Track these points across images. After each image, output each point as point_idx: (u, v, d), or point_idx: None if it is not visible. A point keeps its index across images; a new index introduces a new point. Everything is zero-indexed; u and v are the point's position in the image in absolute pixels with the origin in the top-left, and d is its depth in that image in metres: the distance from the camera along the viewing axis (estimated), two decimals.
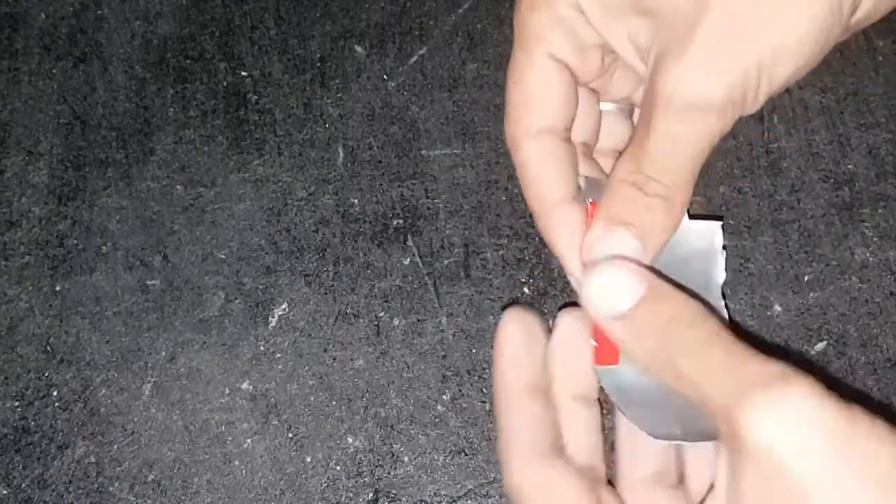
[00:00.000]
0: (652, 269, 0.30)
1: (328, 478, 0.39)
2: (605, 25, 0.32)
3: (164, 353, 0.40)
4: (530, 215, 0.41)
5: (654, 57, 0.30)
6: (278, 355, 0.40)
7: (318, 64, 0.45)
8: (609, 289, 0.28)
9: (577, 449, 0.30)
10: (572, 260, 0.31)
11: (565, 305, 0.33)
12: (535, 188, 0.32)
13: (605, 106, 0.36)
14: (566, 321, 0.31)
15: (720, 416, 0.25)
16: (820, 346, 0.40)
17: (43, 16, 0.46)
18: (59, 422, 0.39)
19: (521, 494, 0.29)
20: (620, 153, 0.32)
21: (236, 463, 0.39)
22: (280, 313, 0.41)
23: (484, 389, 0.40)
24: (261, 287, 0.41)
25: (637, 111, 0.36)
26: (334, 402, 0.40)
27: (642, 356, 0.28)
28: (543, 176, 0.32)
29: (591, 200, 0.31)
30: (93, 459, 0.39)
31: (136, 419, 0.39)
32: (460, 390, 0.40)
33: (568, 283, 0.41)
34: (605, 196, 0.31)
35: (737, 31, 0.29)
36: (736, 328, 0.39)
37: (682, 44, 0.29)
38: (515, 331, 0.31)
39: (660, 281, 0.29)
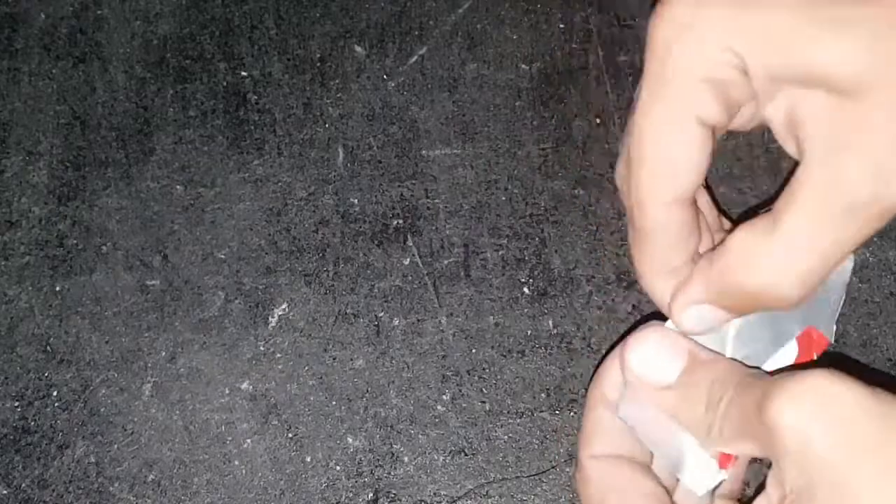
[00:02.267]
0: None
1: (328, 478, 0.39)
2: (766, 91, 0.28)
3: (164, 353, 0.40)
4: (530, 215, 0.42)
5: (825, 143, 0.26)
6: (278, 355, 0.40)
7: (318, 64, 0.45)
8: (652, 361, 0.29)
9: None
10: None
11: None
12: (655, 256, 0.30)
13: None
14: None
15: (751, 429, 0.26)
16: None
17: (43, 16, 0.46)
18: (59, 422, 0.39)
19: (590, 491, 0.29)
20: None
21: (236, 463, 0.39)
22: (280, 313, 0.41)
23: (484, 389, 0.40)
24: (261, 287, 0.41)
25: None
26: (334, 402, 0.40)
27: (695, 424, 0.28)
28: (669, 245, 0.30)
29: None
30: (93, 459, 0.39)
31: (136, 419, 0.39)
32: (460, 390, 0.40)
33: (567, 283, 0.41)
34: (708, 268, 0.29)
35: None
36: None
37: (857, 133, 0.25)
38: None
39: (698, 349, 0.29)
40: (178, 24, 0.45)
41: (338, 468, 0.39)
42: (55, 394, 0.40)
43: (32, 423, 0.39)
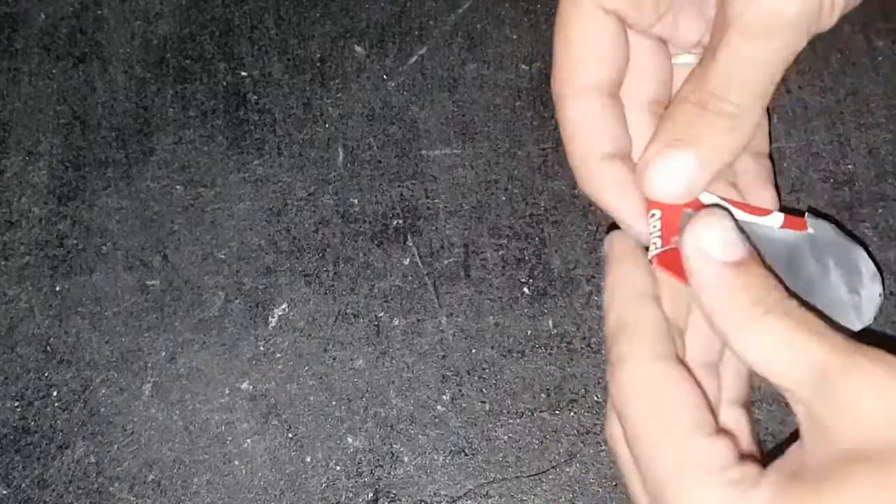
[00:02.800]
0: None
1: (328, 478, 0.39)
2: None
3: (164, 353, 0.40)
4: (530, 215, 0.42)
5: None
6: (278, 355, 0.40)
7: (318, 64, 0.45)
8: (716, 239, 0.28)
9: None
10: (627, 211, 0.31)
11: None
12: (577, 145, 0.31)
13: (684, 59, 0.34)
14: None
15: (814, 385, 0.25)
16: None
17: (43, 16, 0.46)
18: (59, 422, 0.39)
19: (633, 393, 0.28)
20: None
21: (236, 463, 0.39)
22: (280, 313, 0.41)
23: (484, 389, 0.40)
24: (261, 287, 0.41)
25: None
26: (334, 402, 0.40)
27: (719, 308, 0.27)
28: (587, 133, 0.31)
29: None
30: (93, 459, 0.39)
31: (136, 419, 0.39)
32: (460, 390, 0.40)
33: (567, 283, 0.41)
34: (665, 116, 0.30)
35: None
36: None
37: None
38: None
39: (760, 259, 0.29)
40: (178, 24, 0.45)
41: (338, 468, 0.39)
42: (55, 394, 0.40)
43: (32, 423, 0.39)
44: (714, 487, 0.26)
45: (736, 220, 0.29)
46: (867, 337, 0.28)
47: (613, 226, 0.32)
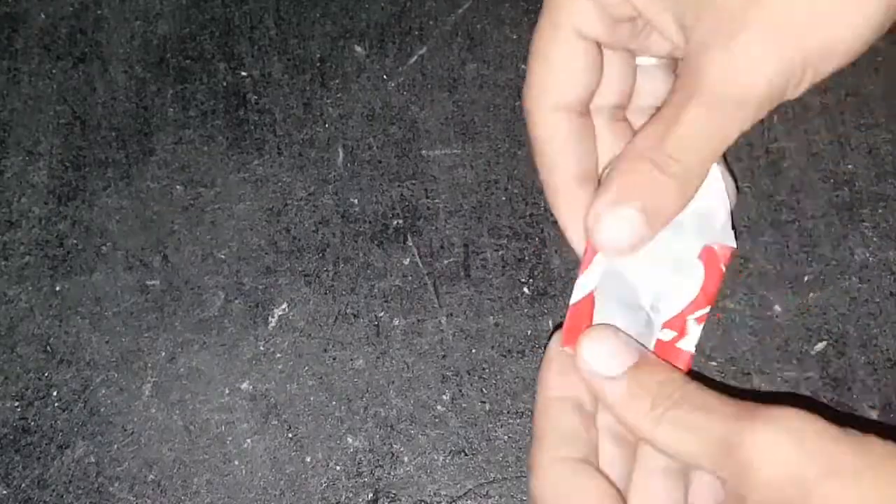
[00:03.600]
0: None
1: (328, 478, 0.39)
2: (647, 4, 0.31)
3: (164, 353, 0.40)
4: (530, 215, 0.42)
5: (700, 39, 0.29)
6: (278, 355, 0.40)
7: (318, 64, 0.45)
8: (603, 355, 0.30)
9: (607, 462, 0.31)
10: (576, 239, 0.33)
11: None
12: (547, 165, 0.33)
13: (644, 61, 0.34)
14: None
15: (720, 458, 0.27)
16: (820, 346, 0.40)
17: (43, 16, 0.46)
18: (59, 422, 0.39)
19: (545, 494, 0.30)
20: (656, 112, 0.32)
21: (236, 463, 0.39)
22: (280, 313, 0.41)
23: (483, 389, 0.40)
24: (261, 287, 0.41)
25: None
26: (334, 402, 0.40)
27: (632, 417, 0.29)
28: (556, 153, 0.32)
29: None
30: (93, 459, 0.39)
31: (136, 419, 0.39)
32: (460, 390, 0.40)
33: (567, 283, 0.41)
34: (619, 167, 0.30)
35: (787, 25, 0.28)
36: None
37: (730, 31, 0.28)
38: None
39: (649, 353, 0.31)
40: (178, 24, 0.45)
41: (338, 468, 0.39)
42: (55, 394, 0.40)
43: (32, 423, 0.39)
44: None
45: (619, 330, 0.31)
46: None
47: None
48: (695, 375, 0.30)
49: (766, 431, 0.26)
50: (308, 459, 0.39)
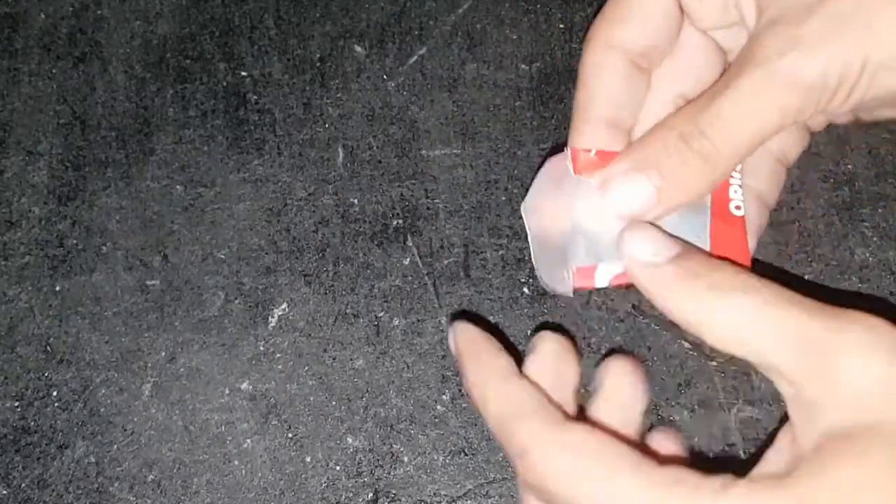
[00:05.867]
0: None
1: (328, 478, 0.39)
2: None
3: (163, 353, 0.40)
4: None
5: (770, 17, 0.28)
6: (278, 355, 0.40)
7: (318, 64, 0.45)
8: (649, 243, 0.28)
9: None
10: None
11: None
12: (581, 100, 0.31)
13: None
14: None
15: (798, 357, 0.24)
16: None
17: (43, 16, 0.46)
18: (59, 422, 0.39)
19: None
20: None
21: (236, 463, 0.39)
22: (280, 313, 0.41)
23: None
24: (261, 287, 0.41)
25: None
26: (334, 402, 0.40)
27: (682, 304, 0.27)
28: (596, 89, 0.31)
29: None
30: (93, 459, 0.39)
31: (136, 419, 0.39)
32: (460, 390, 0.40)
33: None
34: (646, 133, 0.29)
35: (858, 26, 0.27)
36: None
37: (800, 16, 0.27)
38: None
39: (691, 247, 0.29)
40: (178, 24, 0.45)
41: (338, 468, 0.39)
42: (55, 394, 0.40)
43: (32, 423, 0.39)
44: (684, 496, 0.24)
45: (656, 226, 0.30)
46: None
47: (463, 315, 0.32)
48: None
49: (860, 333, 0.24)
50: (308, 459, 0.39)
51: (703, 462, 0.31)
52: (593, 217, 0.31)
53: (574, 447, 0.26)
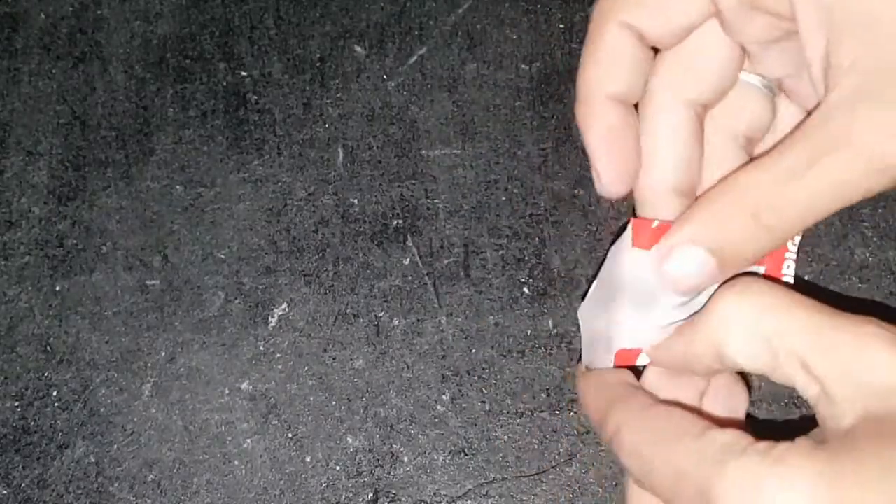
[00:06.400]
0: None
1: (328, 478, 0.39)
2: (805, 12, 0.27)
3: (163, 353, 0.40)
4: (530, 215, 0.42)
5: (853, 86, 0.25)
6: (278, 355, 0.40)
7: (318, 64, 0.45)
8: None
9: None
10: (603, 162, 0.30)
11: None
12: (585, 74, 0.30)
13: (747, 77, 0.31)
14: None
15: (820, 351, 0.25)
16: None
17: (43, 16, 0.46)
18: (58, 422, 0.39)
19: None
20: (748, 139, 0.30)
21: (236, 463, 0.39)
22: (280, 313, 0.41)
23: (484, 389, 0.40)
24: (260, 287, 0.41)
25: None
26: (334, 402, 0.40)
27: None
28: (605, 64, 0.30)
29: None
30: (93, 459, 0.39)
31: (135, 419, 0.39)
32: (460, 390, 0.40)
33: (567, 283, 0.41)
34: (713, 199, 0.28)
35: None
36: None
37: (891, 84, 0.24)
38: None
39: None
40: (178, 24, 0.45)
41: (338, 468, 0.39)
42: (55, 394, 0.40)
43: (32, 423, 0.39)
44: (746, 461, 0.24)
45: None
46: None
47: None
48: None
49: (875, 328, 0.24)
50: (308, 459, 0.39)
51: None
52: (642, 296, 0.31)
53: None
